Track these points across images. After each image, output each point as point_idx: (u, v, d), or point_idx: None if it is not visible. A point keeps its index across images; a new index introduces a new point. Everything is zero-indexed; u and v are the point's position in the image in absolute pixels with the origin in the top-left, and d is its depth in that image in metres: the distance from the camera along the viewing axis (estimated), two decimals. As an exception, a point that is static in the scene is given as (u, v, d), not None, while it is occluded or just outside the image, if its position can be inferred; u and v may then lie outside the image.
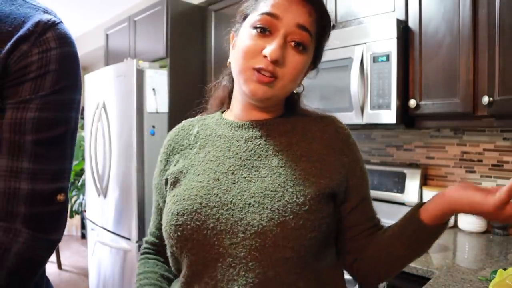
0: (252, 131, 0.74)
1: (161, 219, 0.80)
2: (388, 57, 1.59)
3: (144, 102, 2.33)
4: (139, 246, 2.32)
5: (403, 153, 2.01)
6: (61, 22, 0.60)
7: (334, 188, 0.70)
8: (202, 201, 0.67)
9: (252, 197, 0.66)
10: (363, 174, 0.76)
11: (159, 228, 0.82)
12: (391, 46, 1.59)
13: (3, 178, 0.55)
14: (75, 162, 4.26)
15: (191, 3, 2.60)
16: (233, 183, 0.68)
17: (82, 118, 3.07)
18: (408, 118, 1.66)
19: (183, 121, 0.85)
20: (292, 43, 0.67)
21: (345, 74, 1.70)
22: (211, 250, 0.65)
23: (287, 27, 0.66)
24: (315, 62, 0.77)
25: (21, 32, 0.54)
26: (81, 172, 4.13)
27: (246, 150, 0.72)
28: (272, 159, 0.70)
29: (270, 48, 0.65)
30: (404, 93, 1.63)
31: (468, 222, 1.70)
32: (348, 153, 0.73)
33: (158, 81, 2.38)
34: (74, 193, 4.14)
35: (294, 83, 0.71)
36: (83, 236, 4.96)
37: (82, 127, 3.32)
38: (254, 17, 0.69)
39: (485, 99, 1.37)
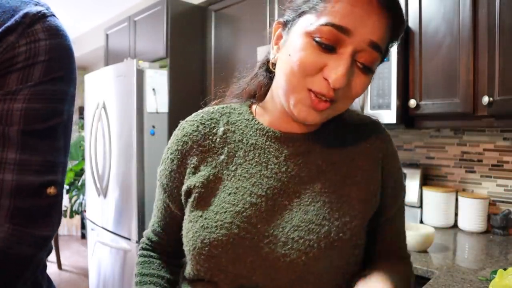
0: (293, 147, 0.64)
1: (169, 221, 0.73)
2: (388, 57, 1.59)
3: (144, 102, 2.33)
4: (139, 246, 2.32)
5: (403, 153, 2.01)
6: (53, 15, 0.57)
7: (375, 210, 0.66)
8: (239, 231, 0.59)
9: (296, 230, 0.59)
10: (395, 192, 0.68)
11: (164, 228, 0.75)
12: (391, 46, 1.58)
13: None
14: (75, 162, 4.26)
15: (191, 3, 2.60)
16: (273, 211, 0.61)
17: (82, 118, 3.07)
18: (408, 118, 1.66)
19: (201, 112, 0.71)
20: (359, 64, 0.56)
21: (345, 74, 1.70)
22: (248, 283, 0.59)
23: (357, 45, 0.54)
24: None
25: (8, 24, 0.51)
26: (81, 172, 4.13)
27: (286, 170, 0.63)
28: (315, 184, 0.63)
29: (336, 73, 0.54)
30: (404, 93, 1.63)
31: (468, 222, 1.70)
32: (385, 164, 0.67)
33: (158, 81, 2.38)
34: (74, 193, 4.14)
35: (351, 104, 0.62)
36: (83, 236, 4.96)
37: (82, 127, 3.32)
38: (315, 24, 0.55)
39: (485, 99, 1.37)
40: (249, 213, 0.60)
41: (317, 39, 0.55)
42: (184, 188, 0.67)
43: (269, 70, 0.68)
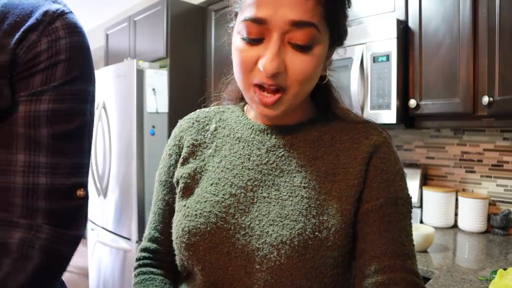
0: (276, 139, 0.65)
1: (170, 221, 0.69)
2: (388, 57, 1.59)
3: (144, 102, 2.33)
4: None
5: (403, 153, 2.01)
6: (71, 12, 0.59)
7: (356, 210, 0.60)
8: (217, 220, 0.60)
9: (271, 224, 0.58)
10: (385, 187, 0.59)
11: (163, 231, 0.71)
12: (391, 46, 1.59)
13: (21, 173, 0.54)
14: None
15: (191, 3, 2.60)
16: (252, 203, 0.61)
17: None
18: (408, 118, 1.66)
19: (198, 111, 0.75)
20: (293, 45, 0.55)
21: (345, 74, 1.70)
22: (224, 275, 0.59)
23: (280, 29, 0.54)
24: (340, 39, 0.63)
25: (29, 22, 0.53)
26: (81, 172, 4.13)
27: (267, 162, 0.63)
28: (295, 177, 0.61)
29: (265, 60, 0.54)
30: (404, 93, 1.63)
31: (468, 222, 1.70)
32: (373, 161, 0.60)
33: (158, 81, 2.38)
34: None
35: (308, 86, 0.60)
36: (83, 236, 4.97)
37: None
38: (238, 23, 0.58)
39: (485, 99, 1.37)
40: (228, 203, 0.61)
41: (243, 37, 0.57)
42: (174, 179, 0.69)
43: None
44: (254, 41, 0.56)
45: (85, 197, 0.60)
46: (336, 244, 0.57)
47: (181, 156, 0.69)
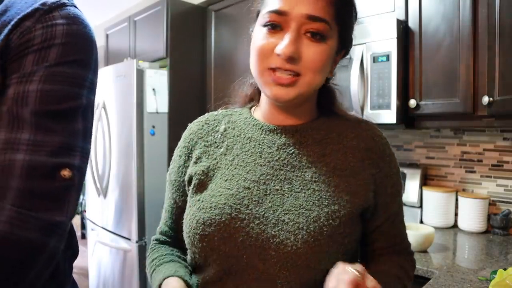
0: (285, 138, 0.69)
1: (177, 218, 0.76)
2: (388, 57, 1.59)
3: (144, 102, 2.33)
4: (139, 246, 2.32)
5: (403, 153, 2.01)
6: (73, 5, 0.57)
7: (365, 206, 0.67)
8: (232, 211, 0.63)
9: (286, 213, 0.62)
10: (394, 191, 0.71)
11: (173, 228, 0.78)
12: (391, 46, 1.59)
13: None
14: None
15: (191, 3, 2.60)
16: (265, 195, 0.65)
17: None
18: (408, 118, 1.66)
19: (206, 114, 0.80)
20: (308, 34, 0.62)
21: (345, 74, 1.70)
22: (238, 263, 0.62)
23: (297, 21, 0.61)
24: (346, 46, 0.71)
25: (26, 11, 0.52)
26: (81, 172, 4.12)
27: (278, 158, 0.68)
28: (306, 172, 0.66)
29: (282, 44, 0.60)
30: (404, 93, 1.63)
31: (468, 222, 1.70)
32: (382, 166, 0.69)
33: (158, 81, 2.38)
34: (74, 193, 4.13)
35: (320, 76, 0.65)
36: (83, 236, 4.96)
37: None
38: (262, 15, 0.65)
39: (485, 99, 1.37)
40: (242, 196, 0.65)
41: (265, 23, 0.63)
42: (186, 177, 0.73)
43: None
44: (274, 27, 0.63)
45: (72, 179, 0.53)
46: (345, 231, 0.63)
47: (193, 156, 0.73)
